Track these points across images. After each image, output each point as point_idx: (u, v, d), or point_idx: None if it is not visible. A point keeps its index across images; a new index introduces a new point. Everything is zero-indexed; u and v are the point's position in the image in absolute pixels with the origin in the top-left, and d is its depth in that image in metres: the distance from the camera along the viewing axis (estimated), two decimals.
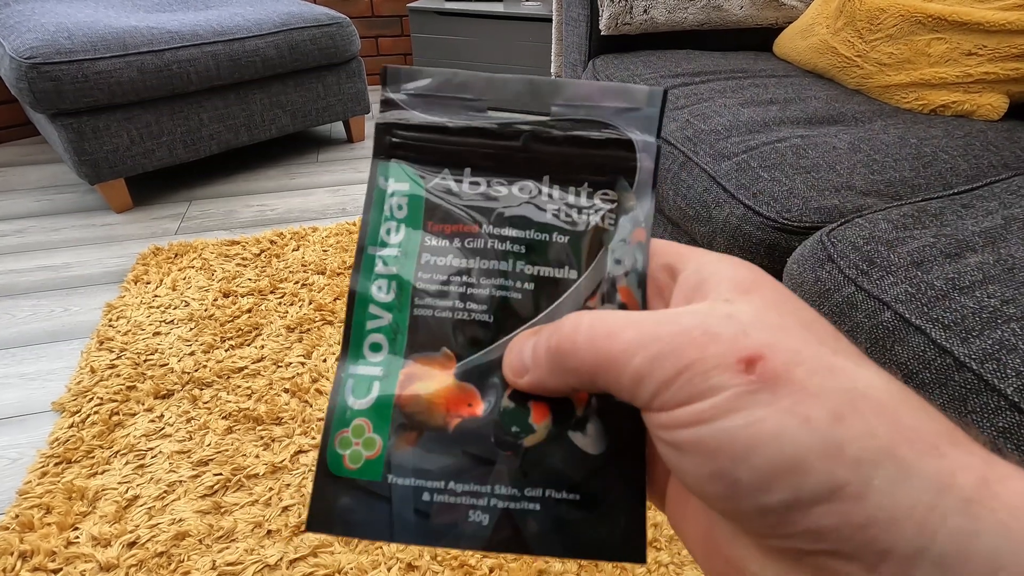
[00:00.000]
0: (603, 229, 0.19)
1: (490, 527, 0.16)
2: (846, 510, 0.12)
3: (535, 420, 0.17)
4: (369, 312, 0.18)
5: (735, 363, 0.13)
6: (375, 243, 0.18)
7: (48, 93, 1.30)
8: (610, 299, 0.18)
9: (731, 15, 1.21)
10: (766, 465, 0.12)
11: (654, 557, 0.73)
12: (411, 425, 0.17)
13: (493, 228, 0.18)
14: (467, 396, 0.17)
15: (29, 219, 1.53)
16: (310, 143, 2.03)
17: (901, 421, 0.12)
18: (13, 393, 1.00)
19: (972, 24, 0.86)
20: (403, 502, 0.16)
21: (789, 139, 0.81)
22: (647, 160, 0.19)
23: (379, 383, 0.17)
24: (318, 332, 1.11)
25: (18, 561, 0.73)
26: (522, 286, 0.18)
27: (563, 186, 0.19)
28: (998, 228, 0.58)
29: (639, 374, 0.14)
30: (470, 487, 0.16)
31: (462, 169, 0.19)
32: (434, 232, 0.18)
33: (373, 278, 0.18)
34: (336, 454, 0.17)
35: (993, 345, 0.46)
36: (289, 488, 0.82)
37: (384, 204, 0.19)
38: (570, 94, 0.19)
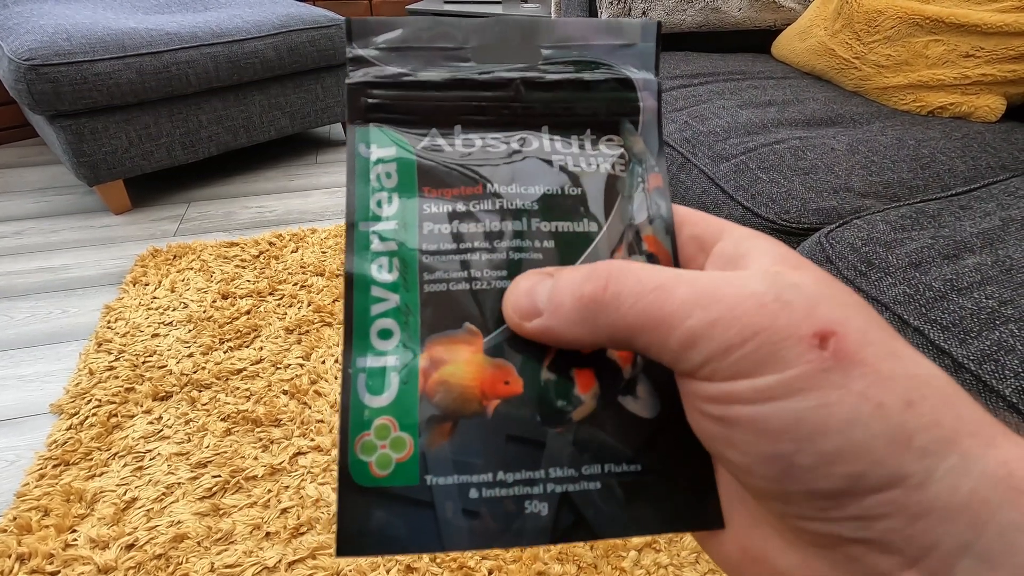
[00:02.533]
0: (616, 176, 0.17)
1: (551, 516, 0.14)
2: (903, 499, 0.11)
3: (581, 390, 0.15)
4: (372, 295, 0.16)
5: (809, 336, 0.12)
6: (366, 218, 0.16)
7: (47, 94, 1.30)
8: (637, 249, 0.17)
9: (729, 17, 1.22)
10: (832, 451, 0.11)
11: (653, 559, 0.73)
12: (444, 416, 0.15)
13: (499, 187, 0.17)
14: (502, 373, 0.15)
15: (27, 220, 1.53)
16: (309, 145, 2.03)
17: (962, 411, 0.12)
18: (11, 395, 0.99)
19: (970, 26, 0.87)
20: (448, 504, 0.14)
21: (787, 141, 0.81)
22: (649, 98, 0.18)
23: (397, 374, 0.15)
24: (317, 334, 1.11)
25: (16, 564, 0.73)
26: (541, 245, 0.16)
27: (564, 135, 0.18)
28: (996, 229, 0.58)
29: (693, 336, 0.12)
30: (521, 474, 0.15)
31: (452, 127, 0.17)
32: (433, 198, 0.16)
33: (371, 257, 0.16)
34: (360, 462, 0.14)
35: (991, 346, 0.46)
36: (288, 490, 0.82)
37: (370, 173, 0.16)
38: (559, 34, 0.17)
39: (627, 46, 0.18)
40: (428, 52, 0.17)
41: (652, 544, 0.75)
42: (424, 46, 0.17)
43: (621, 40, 0.18)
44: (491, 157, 0.17)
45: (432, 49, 0.17)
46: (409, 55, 0.17)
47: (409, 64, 0.17)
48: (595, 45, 0.18)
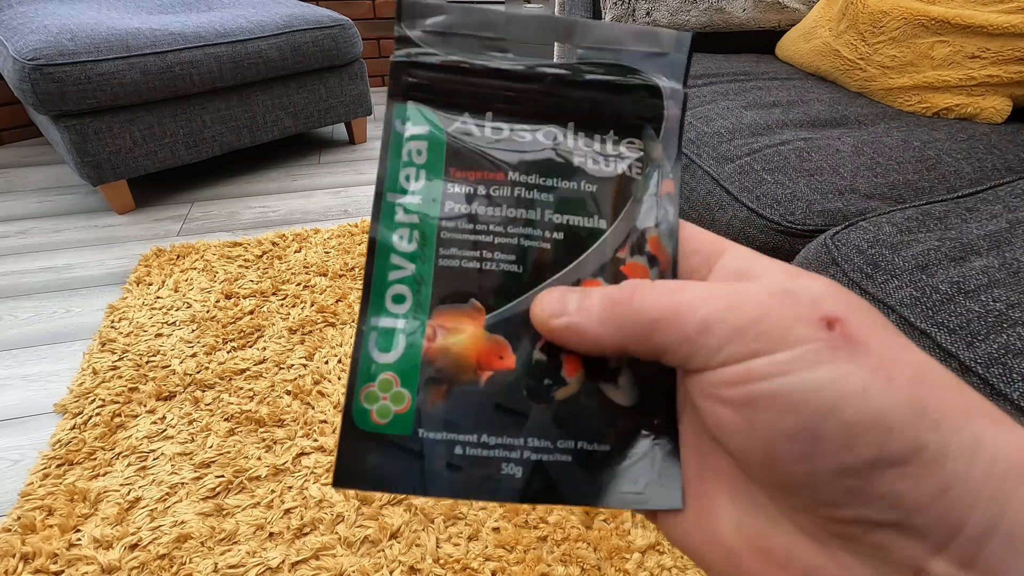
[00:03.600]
0: (631, 179, 0.18)
1: (524, 479, 0.16)
2: (923, 472, 0.11)
3: (568, 373, 0.17)
4: (391, 262, 0.17)
5: (817, 319, 0.13)
6: (394, 190, 0.17)
7: (51, 94, 1.30)
8: (639, 250, 0.18)
9: (734, 17, 1.21)
10: (854, 420, 0.12)
11: (657, 561, 0.73)
12: (441, 379, 0.16)
13: (519, 175, 0.18)
14: (498, 349, 0.17)
15: (31, 220, 1.53)
16: (312, 145, 2.03)
17: (968, 395, 0.12)
18: (15, 394, 0.99)
19: (975, 27, 0.86)
20: (435, 456, 0.16)
21: (792, 142, 0.81)
22: (674, 108, 0.18)
23: (404, 336, 0.17)
24: (320, 334, 1.11)
25: (20, 563, 0.73)
26: (550, 235, 0.17)
27: (588, 133, 0.18)
28: (1003, 232, 0.57)
29: (708, 321, 0.13)
30: (503, 440, 0.16)
31: (483, 113, 0.18)
32: (457, 179, 0.17)
33: (394, 227, 0.17)
34: (363, 409, 0.16)
35: (999, 349, 0.46)
36: (291, 490, 0.82)
37: (402, 149, 0.18)
38: (597, 36, 0.18)
39: (660, 55, 0.18)
40: (470, 39, 0.18)
41: (656, 546, 0.75)
42: (468, 33, 0.18)
43: (655, 48, 0.18)
44: (517, 146, 0.18)
45: (475, 37, 0.18)
46: (452, 40, 0.18)
47: (451, 49, 0.18)
48: (629, 51, 0.18)
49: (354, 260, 1.33)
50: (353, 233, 1.44)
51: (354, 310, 1.17)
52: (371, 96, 1.98)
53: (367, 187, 1.74)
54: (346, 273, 1.29)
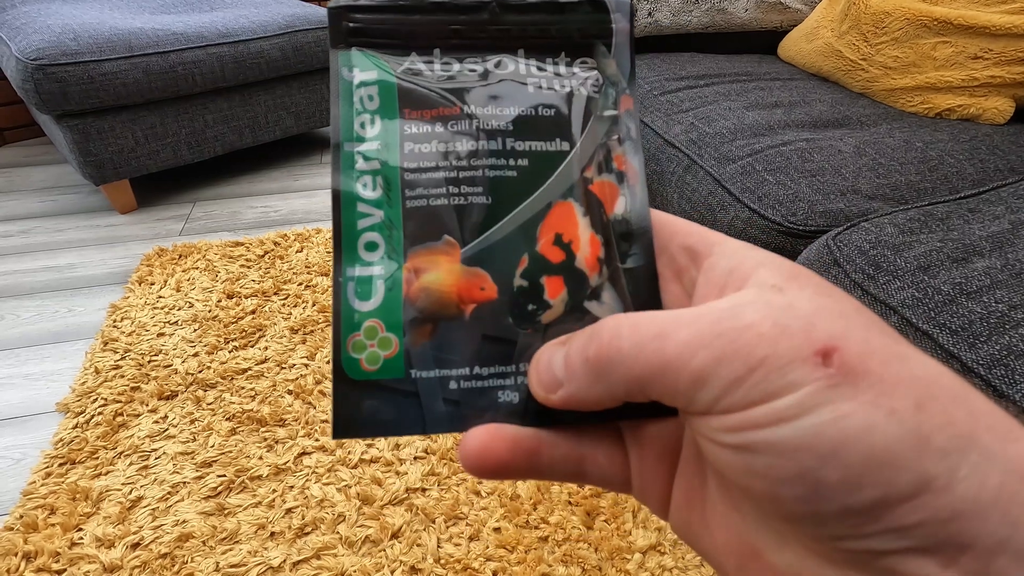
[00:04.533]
0: (589, 97, 0.18)
1: (521, 404, 0.16)
2: (934, 504, 0.11)
3: (550, 296, 0.17)
4: (358, 211, 0.17)
5: (812, 356, 0.12)
6: (351, 139, 0.17)
7: (54, 94, 1.30)
8: (607, 168, 0.18)
9: (736, 18, 1.21)
10: (858, 462, 0.11)
11: (658, 562, 0.73)
12: (425, 318, 0.17)
13: (475, 108, 0.17)
14: (478, 280, 0.17)
15: (33, 220, 1.54)
16: (314, 145, 2.03)
17: (974, 407, 0.12)
18: (17, 394, 1.00)
19: (978, 28, 0.86)
20: (431, 394, 0.16)
21: (794, 142, 0.81)
22: (622, 21, 0.18)
23: (382, 282, 0.17)
24: (322, 334, 1.11)
25: (22, 562, 0.73)
26: (516, 163, 0.17)
27: (539, 57, 0.18)
28: (1005, 233, 0.57)
29: (701, 375, 0.13)
30: (495, 369, 0.17)
31: (430, 50, 0.18)
32: (413, 119, 0.17)
33: (356, 175, 0.17)
34: (351, 359, 0.16)
35: (1001, 351, 0.46)
36: (292, 490, 0.82)
37: (353, 96, 0.17)
38: None
39: None
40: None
41: (657, 547, 0.75)
42: None
43: None
44: (468, 80, 0.18)
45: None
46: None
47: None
48: None
49: None
50: None
51: None
52: None
53: None
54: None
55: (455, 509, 0.79)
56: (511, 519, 0.78)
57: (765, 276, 0.14)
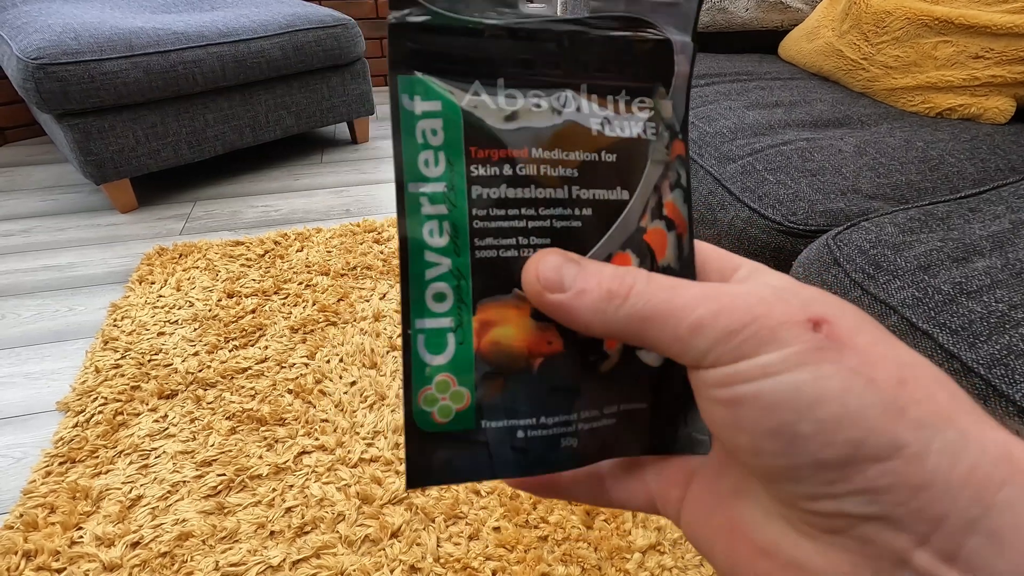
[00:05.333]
0: (645, 141, 0.18)
1: (579, 447, 0.17)
2: (904, 470, 0.12)
3: (608, 347, 0.17)
4: (425, 260, 0.16)
5: (804, 321, 0.13)
6: (415, 178, 0.16)
7: (54, 93, 1.30)
8: (658, 215, 0.18)
9: (736, 17, 1.21)
10: (830, 418, 0.12)
11: (657, 561, 0.73)
12: (497, 372, 0.17)
13: (542, 151, 0.17)
14: (547, 335, 0.17)
15: (34, 219, 1.54)
16: (314, 144, 2.03)
17: (957, 395, 0.13)
18: (18, 392, 1.00)
19: (979, 27, 0.86)
20: (500, 443, 0.17)
21: (794, 142, 0.81)
22: (684, 64, 0.18)
23: (453, 335, 0.16)
24: (322, 333, 1.11)
25: (22, 560, 0.73)
26: (580, 212, 0.17)
27: (601, 95, 0.17)
28: (1006, 232, 0.57)
29: (700, 324, 0.14)
30: (558, 418, 0.17)
31: (495, 80, 0.16)
32: (480, 160, 0.16)
33: (422, 220, 0.16)
34: (423, 411, 0.16)
35: (1001, 350, 0.46)
36: (292, 489, 0.82)
37: (415, 130, 0.16)
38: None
39: (671, 4, 0.17)
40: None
41: (656, 546, 0.75)
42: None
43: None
44: (534, 116, 0.17)
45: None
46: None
47: (456, 5, 0.16)
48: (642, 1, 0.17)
49: (356, 259, 1.33)
50: (355, 232, 1.44)
51: (355, 309, 1.17)
52: (373, 95, 1.98)
53: (369, 186, 1.74)
54: (348, 272, 1.29)
55: (455, 508, 0.79)
56: (511, 518, 0.78)
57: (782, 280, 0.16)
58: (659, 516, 0.19)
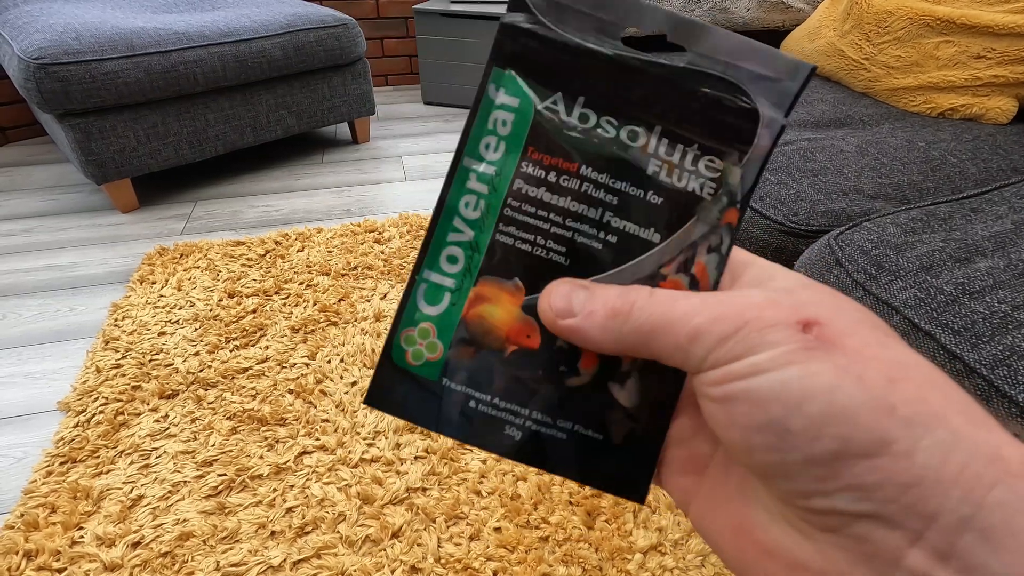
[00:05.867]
0: (699, 198, 0.18)
1: (520, 442, 0.18)
2: (893, 467, 0.12)
3: (583, 366, 0.18)
4: (453, 224, 0.18)
5: (794, 323, 0.14)
6: (473, 155, 0.18)
7: (56, 93, 1.30)
8: (685, 269, 0.18)
9: (737, 17, 1.21)
10: (818, 414, 0.12)
11: (658, 562, 0.73)
12: (472, 341, 0.18)
13: (592, 171, 0.18)
14: (528, 329, 0.18)
15: (35, 219, 1.54)
16: (315, 144, 2.03)
17: (949, 393, 0.13)
18: (19, 392, 1.00)
19: (981, 27, 0.86)
20: (452, 403, 0.18)
21: (796, 142, 0.81)
22: (767, 138, 0.18)
23: (450, 294, 0.18)
24: (323, 333, 1.11)
25: (23, 560, 0.73)
26: (605, 237, 0.18)
27: (672, 142, 0.18)
28: (1008, 233, 0.57)
29: (698, 332, 0.14)
30: (511, 406, 0.18)
31: (576, 97, 0.18)
32: (533, 159, 0.18)
33: (464, 192, 0.18)
34: (400, 348, 0.18)
35: (1004, 351, 0.46)
36: (293, 489, 0.82)
37: (489, 116, 0.18)
38: (713, 44, 0.17)
39: (771, 79, 0.17)
40: (585, 16, 0.17)
41: (657, 547, 0.75)
42: (583, 10, 0.17)
43: (768, 72, 0.17)
44: (598, 139, 0.18)
45: (590, 16, 0.17)
46: (567, 13, 0.17)
47: (564, 22, 0.17)
48: (742, 67, 0.17)
49: (356, 259, 1.33)
50: (356, 232, 1.44)
51: (356, 309, 1.17)
52: (374, 95, 1.98)
53: (370, 186, 1.74)
54: (348, 272, 1.29)
55: (455, 509, 0.79)
56: (512, 519, 0.78)
57: (780, 283, 0.16)
58: (659, 513, 0.19)
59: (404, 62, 2.67)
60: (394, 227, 1.46)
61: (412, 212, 1.56)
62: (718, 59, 0.17)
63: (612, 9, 0.17)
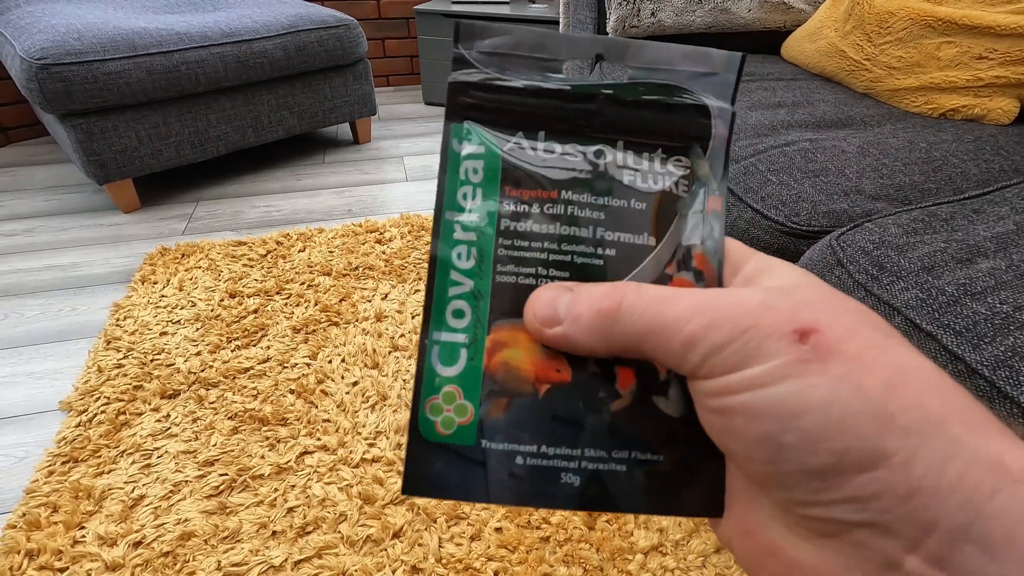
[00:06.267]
0: (677, 196, 0.19)
1: (581, 487, 0.17)
2: (891, 479, 0.12)
3: (621, 386, 0.17)
4: (451, 278, 0.18)
5: (790, 332, 0.13)
6: (452, 208, 0.18)
7: (58, 94, 1.31)
8: (686, 266, 0.18)
9: (739, 18, 1.21)
10: (814, 427, 0.12)
11: (660, 562, 0.73)
12: (502, 392, 0.17)
13: (572, 194, 0.18)
14: (555, 363, 0.17)
15: (37, 219, 1.54)
16: (316, 144, 2.03)
17: (950, 398, 0.12)
18: (21, 392, 1.00)
19: (983, 28, 0.86)
20: (498, 465, 0.17)
21: (797, 143, 0.81)
22: (722, 127, 0.19)
23: (465, 350, 0.17)
24: (324, 333, 1.11)
25: (25, 560, 0.73)
26: (603, 252, 0.18)
27: (637, 151, 0.19)
28: (1010, 233, 0.57)
29: (692, 338, 0.14)
30: (562, 451, 0.17)
31: (536, 132, 0.19)
32: (512, 197, 0.18)
33: (453, 244, 0.18)
34: (428, 420, 0.17)
35: (1006, 352, 0.46)
36: (294, 489, 0.82)
37: (459, 168, 0.18)
38: (648, 57, 0.19)
39: (710, 75, 0.19)
40: (526, 60, 0.18)
41: (659, 548, 0.75)
42: (523, 54, 0.18)
43: (705, 68, 0.19)
44: (568, 165, 0.18)
45: (530, 58, 0.19)
46: (508, 61, 0.18)
47: (507, 70, 0.18)
48: (680, 71, 0.19)
49: (358, 260, 1.33)
50: (357, 233, 1.44)
51: (357, 309, 1.17)
52: (375, 96, 1.98)
53: (371, 187, 1.74)
54: (350, 273, 1.29)
55: (456, 509, 0.79)
56: (513, 519, 0.78)
57: (781, 279, 0.16)
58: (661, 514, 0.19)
59: (405, 63, 2.67)
60: (395, 227, 1.46)
61: (413, 212, 1.56)
62: (658, 68, 0.19)
63: (548, 48, 0.18)
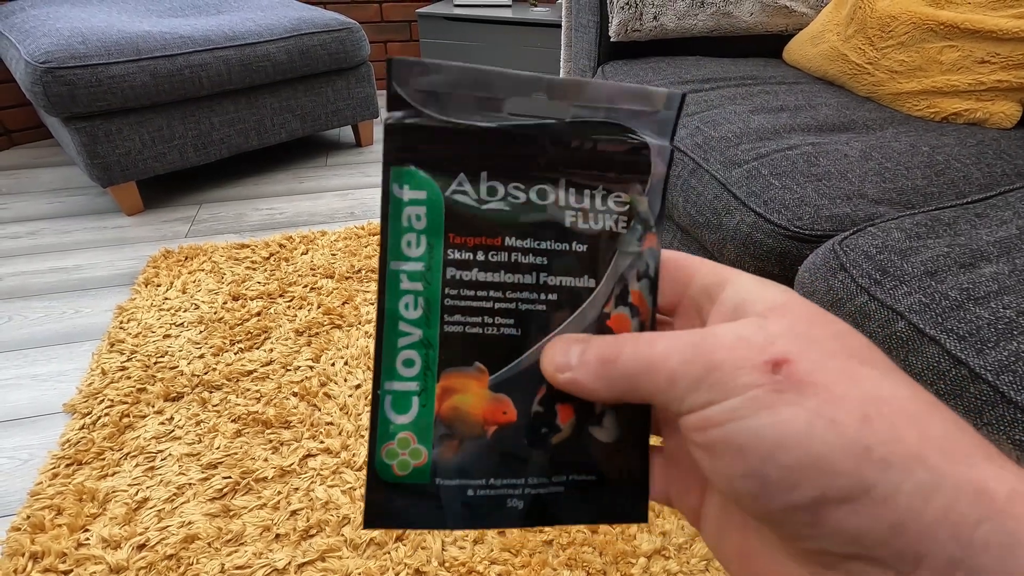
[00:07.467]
0: (616, 234, 0.19)
1: (525, 509, 0.19)
2: (875, 512, 0.12)
3: (561, 421, 0.19)
4: (399, 329, 0.18)
5: (762, 363, 0.13)
6: (397, 257, 0.18)
7: (62, 97, 1.31)
8: (622, 301, 0.19)
9: (741, 22, 1.21)
10: (794, 463, 0.12)
11: (662, 566, 0.73)
12: (453, 435, 0.18)
13: (515, 240, 0.18)
14: (502, 406, 0.18)
15: (41, 221, 1.55)
16: (319, 147, 2.04)
17: (930, 429, 0.12)
18: (25, 394, 1.00)
19: (985, 32, 0.86)
20: (451, 498, 0.18)
21: (800, 146, 0.81)
22: (660, 165, 0.19)
23: (417, 397, 0.18)
24: (327, 336, 1.11)
25: (29, 562, 0.73)
26: (546, 298, 0.19)
27: (579, 190, 0.19)
28: (1013, 238, 0.57)
29: (674, 375, 0.15)
30: (507, 481, 0.19)
31: (478, 174, 0.18)
32: (456, 245, 0.18)
33: (400, 295, 0.18)
34: (384, 464, 0.18)
35: (1009, 357, 0.46)
36: (297, 492, 0.82)
37: (402, 215, 0.18)
38: (590, 95, 0.18)
39: (650, 113, 0.19)
40: (465, 99, 0.18)
41: (662, 551, 0.75)
42: (462, 92, 0.18)
43: (646, 107, 0.19)
44: (511, 207, 0.18)
45: (469, 97, 0.18)
46: (447, 100, 0.18)
47: (446, 109, 0.18)
48: (621, 109, 0.19)
49: (360, 262, 1.33)
50: (360, 235, 1.44)
51: (360, 312, 1.18)
52: (378, 98, 1.98)
53: (374, 189, 1.74)
54: (352, 275, 1.29)
55: None
56: None
57: (758, 308, 0.16)
58: (663, 518, 0.19)
59: None
60: None
61: None
62: (599, 106, 0.19)
63: (489, 86, 0.18)
